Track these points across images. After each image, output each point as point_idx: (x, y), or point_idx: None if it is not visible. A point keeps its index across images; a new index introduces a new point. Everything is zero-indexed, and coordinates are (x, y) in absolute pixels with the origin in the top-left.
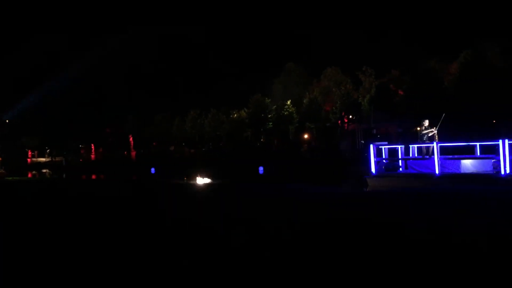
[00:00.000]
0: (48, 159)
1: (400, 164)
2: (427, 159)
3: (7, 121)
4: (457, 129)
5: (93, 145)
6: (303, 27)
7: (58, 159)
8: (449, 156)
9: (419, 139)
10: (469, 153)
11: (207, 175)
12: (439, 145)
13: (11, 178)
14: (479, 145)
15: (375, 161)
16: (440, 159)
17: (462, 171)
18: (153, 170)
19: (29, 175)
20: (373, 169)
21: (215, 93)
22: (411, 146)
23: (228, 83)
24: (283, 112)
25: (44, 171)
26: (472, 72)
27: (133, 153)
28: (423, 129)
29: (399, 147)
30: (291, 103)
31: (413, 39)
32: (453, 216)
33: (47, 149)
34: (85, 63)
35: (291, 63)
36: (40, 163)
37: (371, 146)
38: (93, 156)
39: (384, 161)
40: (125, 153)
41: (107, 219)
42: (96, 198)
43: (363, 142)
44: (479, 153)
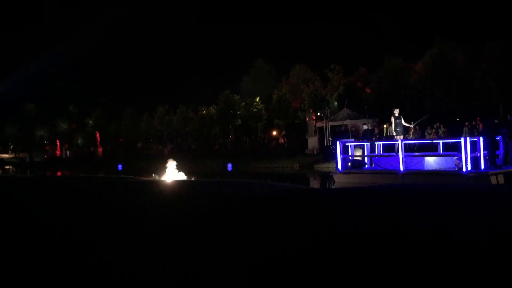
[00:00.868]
0: (11, 156)
1: (366, 161)
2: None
3: None
4: (424, 127)
5: (58, 141)
6: (272, 24)
7: (22, 155)
8: (413, 153)
9: (394, 129)
10: (432, 150)
11: (175, 172)
12: (403, 142)
13: None
14: (442, 142)
15: (341, 158)
16: (404, 156)
17: (425, 168)
18: (120, 166)
19: None
20: (340, 166)
21: (184, 90)
22: (376, 143)
23: (197, 79)
24: (252, 109)
25: (7, 167)
26: (436, 71)
27: (100, 150)
28: (395, 117)
29: (365, 144)
30: (260, 100)
31: (380, 37)
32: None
33: (11, 145)
34: (46, 56)
35: (260, 60)
36: (3, 159)
37: (338, 143)
38: (58, 152)
39: (350, 158)
40: (92, 149)
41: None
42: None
43: (330, 139)
44: (442, 151)
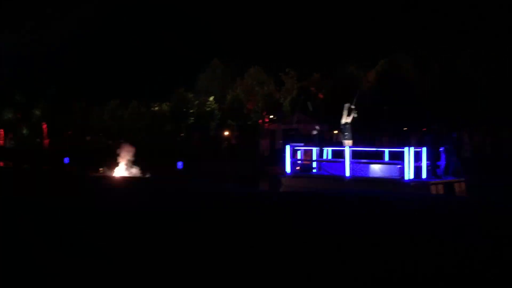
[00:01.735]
0: None
1: (314, 165)
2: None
3: None
4: (372, 134)
5: (2, 130)
6: (230, 24)
7: None
8: (360, 160)
9: (342, 135)
10: (378, 158)
11: (122, 168)
12: (351, 149)
13: None
14: (388, 151)
15: (290, 162)
16: (351, 163)
17: (370, 175)
18: (66, 159)
19: None
20: (288, 169)
21: (137, 85)
22: (325, 148)
23: (150, 75)
24: (205, 108)
25: None
26: (387, 81)
27: (46, 141)
28: (343, 123)
29: (314, 149)
30: (214, 99)
31: (334, 44)
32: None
33: None
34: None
35: (216, 59)
36: None
37: (287, 146)
38: (1, 142)
39: (299, 162)
40: (38, 140)
41: None
42: None
43: (281, 142)
44: (387, 159)
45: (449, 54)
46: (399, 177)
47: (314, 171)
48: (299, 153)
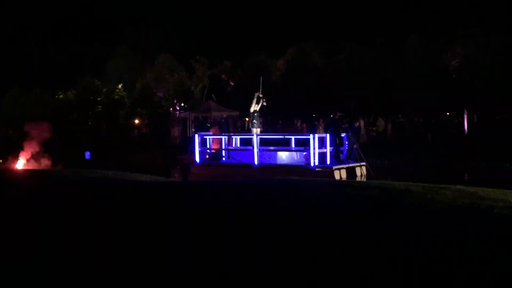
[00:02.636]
0: None
1: (223, 154)
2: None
3: None
4: (283, 121)
5: None
6: (138, 11)
7: None
8: (267, 147)
9: (251, 122)
10: (286, 145)
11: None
12: (258, 137)
13: None
14: (295, 138)
15: (199, 151)
16: (259, 150)
17: (278, 162)
18: None
19: None
20: (197, 158)
21: (39, 71)
22: (234, 137)
23: (55, 61)
24: (114, 96)
25: None
26: (296, 69)
27: None
28: (252, 111)
29: (223, 137)
30: (123, 87)
31: (245, 32)
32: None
33: None
34: None
35: (124, 46)
36: None
37: (196, 135)
38: None
39: (208, 150)
40: None
41: None
42: None
43: (194, 130)
44: (294, 146)
45: (355, 42)
46: (305, 163)
47: (223, 159)
48: (207, 141)
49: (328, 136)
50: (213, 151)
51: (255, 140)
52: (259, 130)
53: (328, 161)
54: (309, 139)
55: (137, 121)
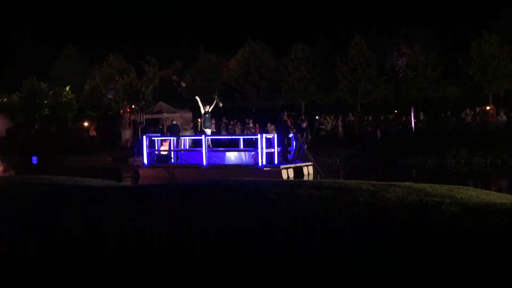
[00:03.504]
0: None
1: (171, 155)
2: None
3: None
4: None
5: None
6: (83, 10)
7: None
8: (216, 148)
9: (203, 124)
10: (234, 146)
11: None
12: (207, 138)
13: None
14: (243, 138)
15: (147, 152)
16: (207, 151)
17: (226, 163)
18: None
19: None
20: (146, 160)
21: None
22: (182, 138)
23: None
24: (61, 98)
25: None
26: (247, 69)
27: None
28: (204, 113)
29: (172, 139)
30: (70, 89)
31: (195, 32)
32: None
33: None
34: None
35: (70, 46)
36: None
37: (144, 137)
38: None
39: (156, 152)
40: None
41: None
42: None
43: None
44: (242, 146)
45: (303, 43)
46: (253, 163)
47: (172, 161)
48: (156, 143)
49: (276, 136)
50: (161, 153)
51: (204, 141)
52: (209, 131)
53: (275, 161)
54: (257, 139)
55: (86, 124)
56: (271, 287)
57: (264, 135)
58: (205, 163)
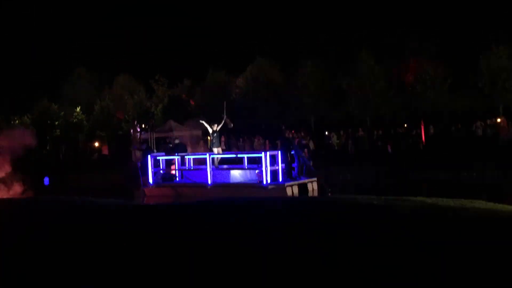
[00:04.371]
0: None
1: (176, 174)
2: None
3: None
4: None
5: None
6: (93, 31)
7: None
8: (221, 166)
9: (210, 142)
10: (239, 164)
11: None
12: (211, 156)
13: None
14: (247, 156)
15: (152, 172)
16: (212, 170)
17: (231, 181)
18: None
19: None
20: (151, 180)
21: None
22: (186, 157)
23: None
24: (72, 119)
25: None
26: (256, 86)
27: None
28: (212, 131)
29: (176, 158)
30: (81, 110)
31: (203, 50)
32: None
33: None
34: None
35: (82, 68)
36: None
37: (149, 156)
38: None
39: (161, 171)
40: None
41: None
42: None
43: (155, 151)
44: (246, 164)
45: (311, 59)
46: (258, 181)
47: (176, 179)
48: (160, 162)
49: (279, 153)
50: (166, 172)
51: (208, 159)
52: (220, 149)
53: (280, 178)
54: (261, 157)
55: (97, 144)
56: None
57: (268, 152)
58: (210, 182)
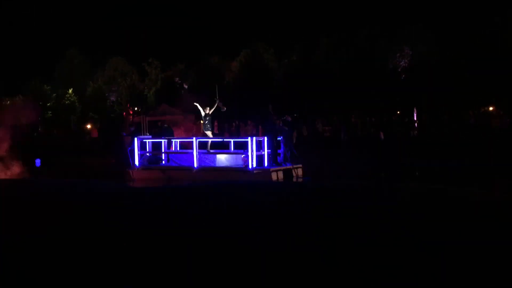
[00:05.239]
0: None
1: (163, 157)
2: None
3: None
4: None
5: None
6: (87, 13)
7: None
8: (206, 150)
9: (203, 126)
10: (225, 148)
11: None
12: (197, 140)
13: None
14: (233, 141)
15: (138, 154)
16: (198, 153)
17: (217, 165)
18: None
19: None
20: (137, 162)
21: None
22: (173, 140)
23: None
24: (64, 101)
25: None
26: (250, 70)
27: None
28: (204, 115)
29: (163, 141)
30: (73, 91)
31: (198, 34)
32: None
33: None
34: None
35: (73, 49)
36: None
37: (135, 139)
38: None
39: (147, 154)
40: None
41: None
42: None
43: (148, 134)
44: (232, 149)
45: (306, 43)
46: (244, 166)
47: (163, 162)
48: (147, 145)
49: (265, 139)
50: (152, 154)
51: (195, 143)
52: (210, 133)
53: (265, 163)
54: (248, 142)
55: (89, 126)
56: None
57: (254, 138)
58: (196, 165)
